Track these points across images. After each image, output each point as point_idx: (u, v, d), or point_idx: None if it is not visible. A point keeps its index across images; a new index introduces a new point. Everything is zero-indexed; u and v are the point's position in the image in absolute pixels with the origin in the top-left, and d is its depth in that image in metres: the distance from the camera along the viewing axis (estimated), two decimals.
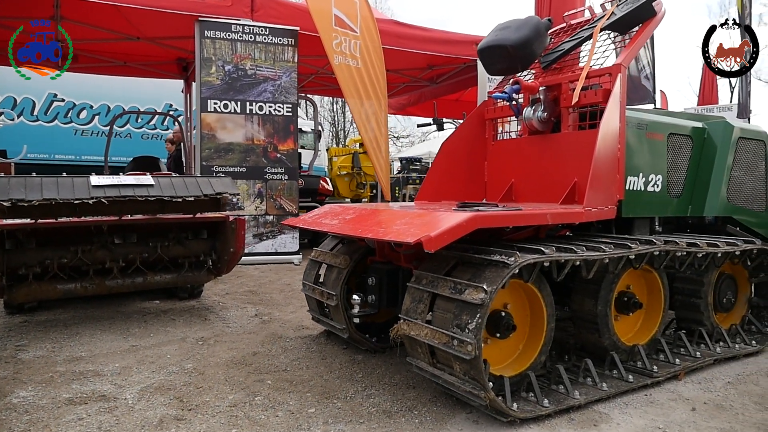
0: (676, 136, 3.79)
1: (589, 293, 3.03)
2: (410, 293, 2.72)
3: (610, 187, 3.15)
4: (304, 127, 18.48)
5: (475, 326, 2.32)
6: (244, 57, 7.31)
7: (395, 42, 8.66)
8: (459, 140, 4.13)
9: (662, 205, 3.72)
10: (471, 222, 2.42)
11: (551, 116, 3.63)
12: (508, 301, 2.71)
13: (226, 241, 4.36)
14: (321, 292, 3.48)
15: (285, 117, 7.49)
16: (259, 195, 7.37)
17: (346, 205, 3.47)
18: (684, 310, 3.60)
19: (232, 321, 4.24)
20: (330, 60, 7.35)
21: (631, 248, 2.83)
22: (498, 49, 3.78)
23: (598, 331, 3.00)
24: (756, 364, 3.35)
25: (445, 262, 2.70)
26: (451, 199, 4.04)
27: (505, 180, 3.94)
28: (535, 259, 2.46)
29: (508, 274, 2.37)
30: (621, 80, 3.22)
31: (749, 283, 3.81)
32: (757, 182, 4.16)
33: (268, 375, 3.07)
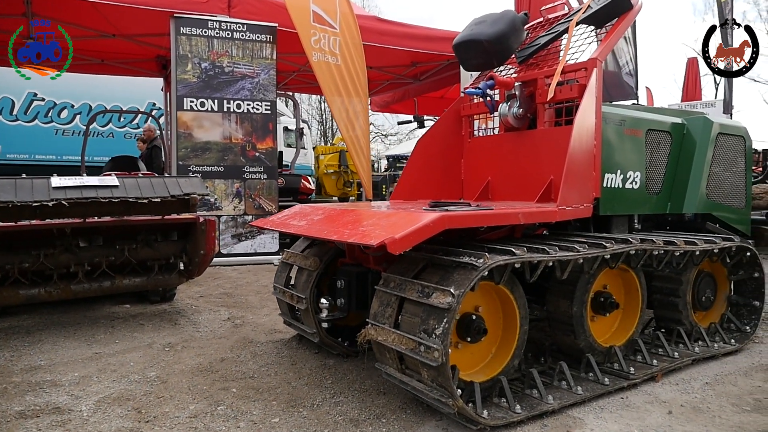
0: (654, 132, 3.72)
1: (564, 294, 2.95)
2: (378, 297, 2.62)
3: (586, 184, 3.07)
4: (290, 125, 18.35)
5: (442, 331, 2.22)
6: (221, 54, 7.16)
7: (377, 39, 8.55)
8: (435, 137, 4.03)
9: (641, 203, 3.65)
10: (438, 223, 2.32)
11: (527, 112, 3.54)
12: (480, 304, 2.62)
13: (196, 242, 4.23)
14: (291, 296, 3.37)
15: (263, 115, 7.36)
16: (238, 195, 7.23)
17: (317, 205, 3.36)
18: (663, 309, 3.53)
19: (203, 325, 4.12)
20: (308, 57, 7.23)
21: (606, 248, 2.75)
22: (473, 44, 3.69)
23: (574, 333, 2.92)
24: (734, 364, 3.29)
25: (413, 264, 2.60)
26: (428, 197, 3.95)
27: (482, 178, 3.85)
28: (505, 260, 2.37)
29: (476, 277, 2.28)
30: (597, 75, 3.13)
31: (728, 281, 3.75)
32: (737, 178, 4.10)
33: (234, 382, 2.96)
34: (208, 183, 7.08)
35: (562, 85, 3.31)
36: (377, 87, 12.19)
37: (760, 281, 3.73)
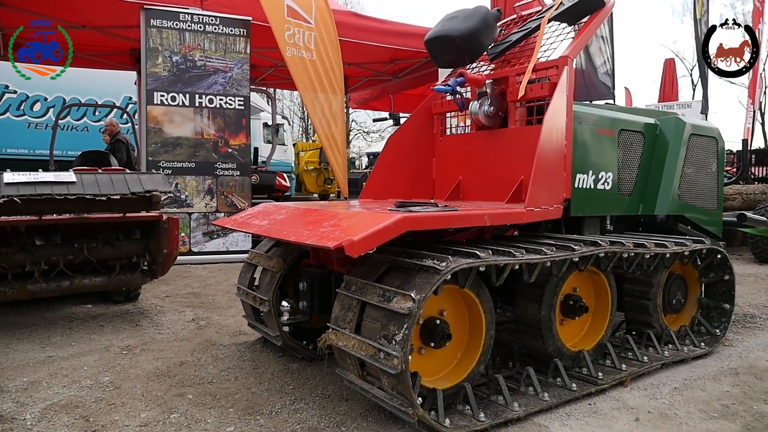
0: (627, 132, 3.67)
1: (532, 297, 2.88)
2: (339, 300, 2.52)
3: (556, 185, 3.00)
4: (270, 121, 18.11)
5: (402, 338, 2.13)
6: (193, 47, 6.99)
7: (354, 34, 8.43)
8: (406, 135, 3.94)
9: (613, 204, 3.61)
10: (399, 224, 2.23)
11: (498, 111, 3.47)
12: (445, 308, 2.54)
13: (160, 241, 4.09)
14: (254, 297, 3.26)
15: (237, 110, 7.20)
16: (210, 192, 7.07)
17: (282, 204, 3.26)
18: (633, 312, 3.49)
19: (165, 327, 3.98)
20: (282, 52, 7.09)
21: (574, 250, 2.68)
22: (445, 39, 3.62)
23: (542, 337, 2.86)
24: (704, 368, 3.26)
25: (376, 267, 2.51)
26: (398, 196, 3.86)
27: (453, 177, 3.77)
28: (469, 264, 2.29)
29: (438, 281, 2.19)
30: (568, 73, 3.07)
31: (699, 284, 3.72)
32: (709, 180, 4.08)
33: (191, 388, 2.84)
34: (179, 179, 6.92)
35: (533, 83, 3.25)
36: (356, 84, 12.08)
37: (730, 284, 3.70)
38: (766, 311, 4.71)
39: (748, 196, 8.35)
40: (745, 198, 8.32)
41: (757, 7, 11.89)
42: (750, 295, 5.39)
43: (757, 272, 6.77)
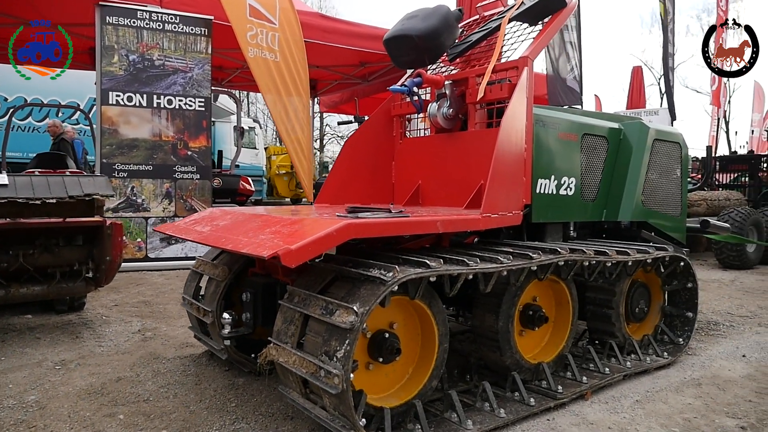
0: (590, 136, 3.58)
1: (489, 307, 2.75)
2: (282, 312, 2.35)
3: (515, 190, 2.88)
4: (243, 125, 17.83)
5: (344, 354, 1.97)
6: (151, 46, 6.74)
7: (320, 36, 8.26)
8: (364, 138, 3.79)
9: (576, 210, 3.50)
10: (342, 232, 2.07)
11: (458, 113, 3.34)
12: (395, 320, 2.38)
13: (103, 248, 3.86)
14: (198, 308, 3.06)
15: (197, 112, 6.97)
16: (168, 195, 6.82)
17: (229, 209, 3.07)
18: (595, 321, 3.39)
19: (107, 338, 3.75)
20: (243, 52, 6.89)
21: (532, 259, 2.56)
22: (404, 39, 3.47)
23: (500, 349, 2.72)
24: (666, 378, 3.17)
25: (321, 277, 2.35)
26: (356, 201, 3.71)
27: (412, 182, 3.63)
28: (418, 274, 2.14)
29: (383, 293, 2.04)
30: (527, 74, 2.95)
31: (662, 292, 3.64)
32: (672, 186, 4.02)
33: (124, 407, 2.63)
34: (135, 182, 6.65)
35: (493, 84, 3.13)
36: (325, 87, 11.91)
37: (693, 291, 3.63)
38: (730, 318, 4.68)
39: (712, 203, 8.42)
40: (710, 204, 8.38)
41: (720, 16, 12.09)
42: (714, 301, 5.37)
43: (721, 278, 6.80)
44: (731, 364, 3.44)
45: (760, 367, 3.40)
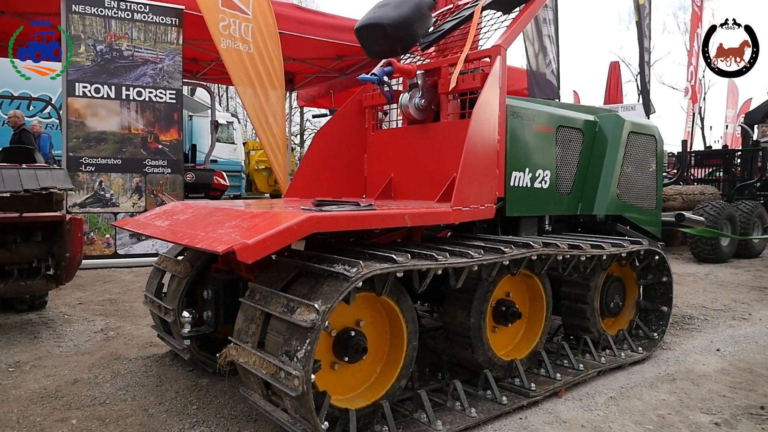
0: (565, 129, 3.51)
1: (460, 303, 2.67)
2: (243, 310, 2.24)
3: (488, 183, 2.80)
4: (220, 119, 17.54)
5: (305, 354, 1.87)
6: (119, 36, 6.53)
7: (296, 28, 8.10)
8: (336, 130, 3.68)
9: (551, 203, 3.44)
10: (303, 225, 1.96)
11: (430, 104, 3.25)
12: (362, 318, 2.29)
13: (63, 244, 3.70)
14: (159, 306, 2.93)
15: (168, 104, 6.78)
16: (138, 190, 6.63)
17: (193, 202, 2.94)
18: (570, 316, 3.33)
19: (67, 338, 3.59)
20: (215, 43, 6.73)
21: (504, 253, 2.48)
22: (375, 28, 3.37)
23: (471, 347, 2.64)
24: (641, 374, 3.12)
25: (285, 273, 2.24)
26: (327, 195, 3.61)
27: (385, 174, 3.53)
28: (384, 269, 2.04)
29: (347, 289, 1.94)
30: (500, 63, 2.87)
31: (637, 286, 3.60)
32: (648, 179, 3.98)
33: (78, 411, 2.50)
34: (104, 177, 6.45)
35: (466, 74, 3.04)
36: (303, 80, 11.74)
37: (668, 286, 3.60)
38: (704, 312, 4.67)
39: (687, 197, 8.47)
40: (685, 198, 8.43)
41: (696, 12, 12.19)
42: (688, 295, 5.38)
43: (696, 272, 6.83)
44: (705, 359, 3.41)
45: (734, 361, 3.38)
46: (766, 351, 3.59)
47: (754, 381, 3.03)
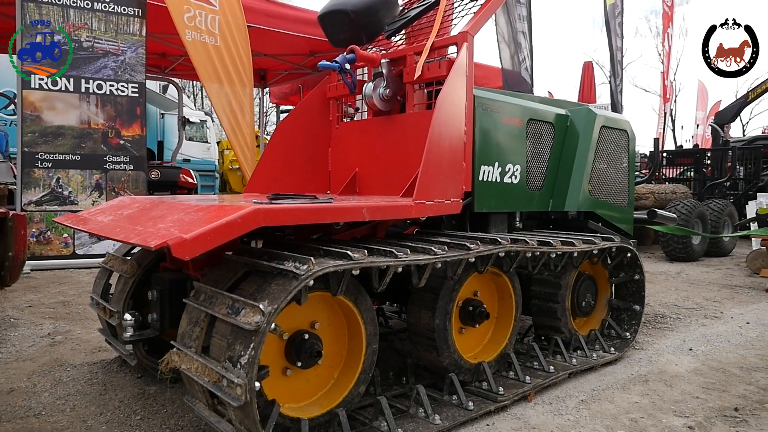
0: (536, 122, 3.40)
1: (425, 303, 2.52)
2: (187, 312, 2.07)
3: (453, 177, 2.66)
4: (193, 117, 17.17)
5: (248, 360, 1.70)
6: (78, 26, 6.25)
7: (266, 21, 7.89)
8: (298, 122, 3.51)
9: (521, 199, 3.32)
10: (249, 219, 1.80)
11: (396, 94, 3.10)
12: (318, 319, 2.13)
13: (5, 243, 3.45)
14: (104, 309, 2.73)
15: (130, 98, 6.52)
16: (98, 187, 6.35)
17: (142, 197, 2.74)
18: (541, 316, 3.22)
19: (10, 344, 3.36)
20: (180, 36, 6.49)
21: (470, 250, 2.34)
22: (339, 15, 3.23)
23: (436, 349, 2.50)
24: (613, 375, 3.02)
25: (233, 272, 2.07)
26: (290, 190, 3.44)
27: (349, 169, 3.38)
28: (337, 266, 1.89)
29: (295, 288, 1.78)
30: (467, 51, 2.74)
31: (609, 284, 3.51)
32: (620, 175, 3.89)
33: (9, 424, 2.29)
34: (61, 173, 6.17)
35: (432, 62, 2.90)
36: (275, 77, 11.50)
37: (640, 284, 3.51)
38: (676, 311, 4.61)
39: (659, 196, 8.48)
40: (657, 197, 8.44)
41: (666, 12, 12.29)
42: (661, 293, 5.33)
43: (668, 270, 6.81)
44: (678, 359, 3.32)
45: (707, 360, 3.30)
46: (739, 350, 3.53)
47: (727, 381, 2.95)
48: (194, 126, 17.83)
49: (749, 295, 5.30)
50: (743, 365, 3.22)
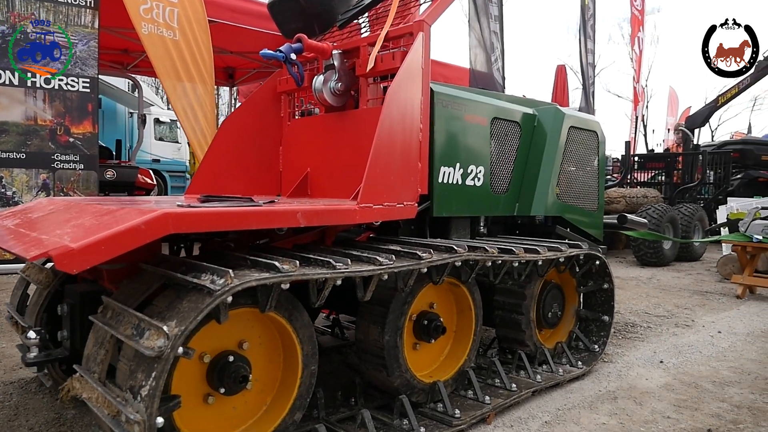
0: (501, 121, 3.19)
1: (374, 318, 2.28)
2: (94, 332, 1.79)
3: (406, 178, 2.43)
4: (163, 117, 16.69)
5: (149, 392, 1.45)
6: (24, 17, 5.87)
7: (230, 17, 7.57)
8: (246, 118, 3.25)
9: (485, 203, 3.10)
10: (155, 225, 1.54)
11: (349, 88, 2.86)
12: (247, 338, 1.88)
13: None
14: (17, 323, 2.43)
15: (81, 93, 6.15)
16: (45, 187, 5.97)
17: (62, 198, 2.46)
18: (504, 328, 3.01)
19: None
20: (136, 28, 6.15)
21: (421, 259, 2.11)
22: (289, 3, 3.01)
23: (386, 368, 2.26)
24: (580, 392, 2.82)
25: (147, 285, 1.80)
26: (237, 193, 3.17)
27: (301, 169, 3.13)
28: (260, 280, 1.63)
29: (209, 306, 1.53)
30: (423, 41, 2.51)
31: (577, 294, 3.31)
32: (589, 178, 3.72)
33: None
34: (5, 172, 5.78)
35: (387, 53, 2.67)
36: (243, 76, 11.17)
37: (610, 293, 3.32)
38: (647, 318, 4.46)
39: (631, 200, 8.40)
40: (629, 201, 8.36)
41: (636, 15, 12.30)
42: (631, 300, 5.18)
43: (639, 275, 6.70)
44: (649, 372, 3.14)
45: (678, 374, 3.13)
46: (711, 362, 3.37)
47: (700, 398, 2.77)
48: (165, 126, 17.37)
49: (720, 302, 5.19)
50: (716, 379, 3.05)
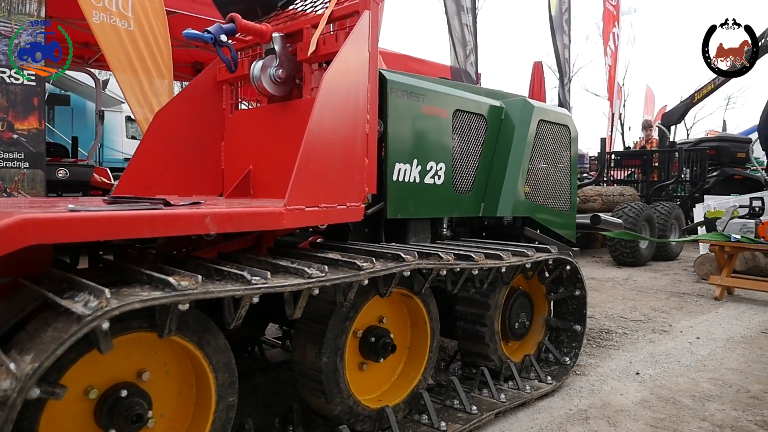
0: (464, 113, 2.93)
1: (310, 337, 1.99)
2: None
3: (349, 176, 2.14)
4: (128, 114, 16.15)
5: None
6: None
7: (189, 7, 7.19)
8: (182, 111, 2.92)
9: (446, 203, 2.83)
10: (10, 234, 1.23)
11: (291, 75, 2.56)
12: (148, 367, 1.57)
13: None
14: None
15: (25, 87, 5.73)
16: None
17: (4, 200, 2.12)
18: (467, 341, 2.74)
19: None
20: (86, 18, 5.77)
21: (360, 270, 1.82)
22: None
23: (325, 394, 1.97)
24: (549, 412, 2.56)
25: (20, 306, 1.49)
26: (172, 193, 2.86)
27: (243, 166, 2.82)
28: (145, 301, 1.33)
29: (72, 337, 1.22)
30: (370, 21, 2.22)
31: (547, 302, 3.06)
32: (561, 176, 3.47)
33: None
34: None
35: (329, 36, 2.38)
36: None
37: (582, 300, 3.07)
38: (623, 324, 4.23)
39: (607, 198, 8.22)
40: (605, 200, 8.18)
41: (610, 10, 12.18)
42: (607, 303, 4.96)
43: (615, 276, 6.50)
44: (624, 386, 2.90)
45: (655, 387, 2.89)
46: (690, 373, 3.14)
47: (678, 416, 2.53)
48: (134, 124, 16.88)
49: (698, 305, 4.99)
50: (695, 393, 2.82)
